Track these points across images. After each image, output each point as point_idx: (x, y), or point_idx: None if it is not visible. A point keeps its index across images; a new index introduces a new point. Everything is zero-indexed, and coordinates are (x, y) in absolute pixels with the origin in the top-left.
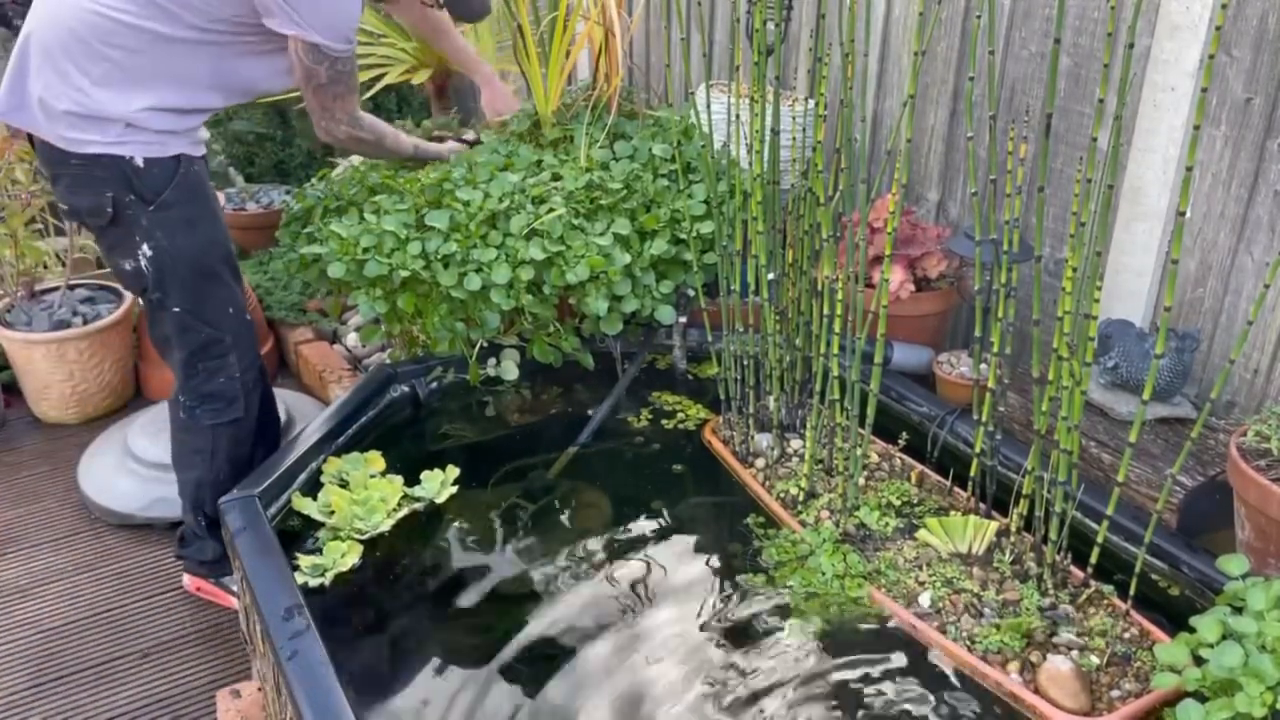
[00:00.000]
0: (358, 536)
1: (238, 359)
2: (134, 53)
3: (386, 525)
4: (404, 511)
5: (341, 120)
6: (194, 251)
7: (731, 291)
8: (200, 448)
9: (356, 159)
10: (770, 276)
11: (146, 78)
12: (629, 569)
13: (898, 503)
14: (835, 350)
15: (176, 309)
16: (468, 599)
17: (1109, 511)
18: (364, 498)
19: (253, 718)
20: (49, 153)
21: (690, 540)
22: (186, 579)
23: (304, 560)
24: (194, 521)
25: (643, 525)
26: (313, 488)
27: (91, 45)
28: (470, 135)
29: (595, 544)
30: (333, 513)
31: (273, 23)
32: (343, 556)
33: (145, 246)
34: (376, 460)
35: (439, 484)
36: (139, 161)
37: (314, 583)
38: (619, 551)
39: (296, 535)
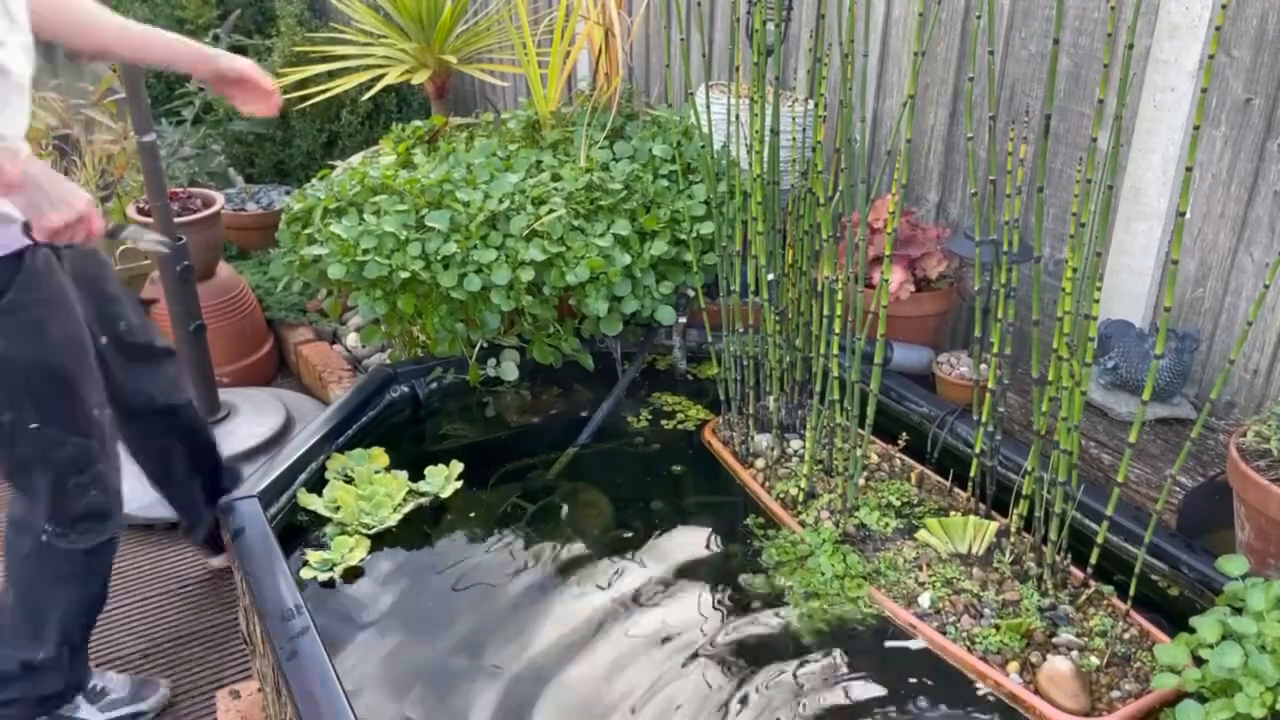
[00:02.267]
0: (365, 531)
1: (107, 464)
2: None
3: (393, 520)
4: (410, 506)
5: None
6: (47, 357)
7: (731, 292)
8: (65, 574)
9: (356, 160)
10: (770, 277)
11: None
12: (629, 569)
13: (898, 503)
14: (835, 351)
15: (34, 425)
16: (471, 596)
17: (1109, 512)
18: (370, 493)
19: (253, 718)
20: None
21: (690, 540)
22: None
23: (312, 555)
24: (54, 653)
25: (642, 525)
26: (315, 486)
27: None
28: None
29: (595, 544)
30: (339, 508)
31: None
32: (350, 551)
33: None
34: (380, 456)
35: (444, 479)
36: None
37: (323, 577)
38: (619, 551)
39: (302, 531)
